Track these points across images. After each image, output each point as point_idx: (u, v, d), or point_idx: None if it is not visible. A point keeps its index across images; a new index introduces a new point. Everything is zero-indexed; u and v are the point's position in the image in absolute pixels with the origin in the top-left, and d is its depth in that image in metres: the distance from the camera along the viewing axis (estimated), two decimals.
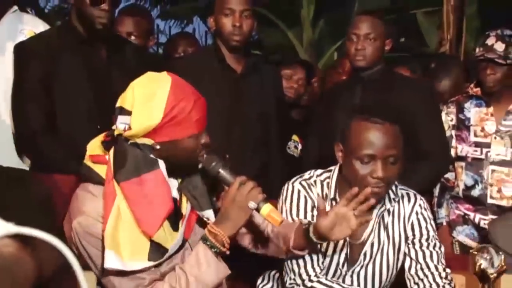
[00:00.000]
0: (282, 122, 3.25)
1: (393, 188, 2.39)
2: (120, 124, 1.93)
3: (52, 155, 2.74)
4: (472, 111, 3.38)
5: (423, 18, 6.90)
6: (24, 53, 2.82)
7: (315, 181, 2.36)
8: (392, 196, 2.38)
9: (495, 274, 2.11)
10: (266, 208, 1.96)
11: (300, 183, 2.35)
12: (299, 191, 2.33)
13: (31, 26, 3.09)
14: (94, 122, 2.81)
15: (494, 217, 3.29)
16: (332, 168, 2.37)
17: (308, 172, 2.40)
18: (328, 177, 2.36)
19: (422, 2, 6.79)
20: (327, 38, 7.22)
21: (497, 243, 2.77)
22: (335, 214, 2.05)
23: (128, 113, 1.92)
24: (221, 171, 1.98)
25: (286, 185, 2.37)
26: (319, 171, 2.39)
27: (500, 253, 2.11)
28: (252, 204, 1.95)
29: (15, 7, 3.09)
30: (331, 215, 2.05)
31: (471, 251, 2.19)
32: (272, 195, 2.04)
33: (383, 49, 3.16)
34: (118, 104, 1.97)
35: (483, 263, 2.11)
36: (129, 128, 1.92)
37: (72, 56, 2.84)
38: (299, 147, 3.77)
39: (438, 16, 6.43)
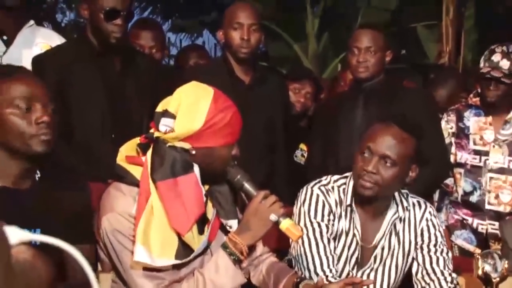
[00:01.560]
0: (288, 131, 3.25)
1: (405, 196, 2.40)
2: (162, 126, 1.97)
3: (65, 159, 2.74)
4: (472, 120, 3.37)
5: (423, 31, 6.90)
6: (41, 65, 2.84)
7: (332, 187, 2.36)
8: (405, 204, 2.39)
9: (498, 279, 2.10)
10: (286, 222, 1.99)
11: (319, 188, 2.36)
12: (317, 196, 2.34)
13: (47, 39, 3.10)
14: (108, 131, 2.81)
15: (491, 222, 3.29)
16: (348, 174, 2.37)
17: (326, 177, 2.40)
18: (345, 183, 2.36)
19: (422, 16, 6.80)
20: (331, 51, 7.24)
21: (506, 241, 2.76)
22: None
23: (173, 116, 1.97)
24: (246, 184, 2.02)
25: (305, 188, 2.38)
26: (336, 176, 2.40)
27: (504, 259, 2.10)
28: (273, 217, 1.98)
29: (32, 22, 3.10)
30: None
31: (475, 255, 2.19)
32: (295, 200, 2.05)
33: (384, 61, 3.16)
34: (161, 108, 2.01)
35: (486, 267, 2.10)
36: (172, 130, 1.96)
37: (87, 68, 2.85)
38: (306, 155, 3.75)
39: (438, 29, 6.44)
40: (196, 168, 1.97)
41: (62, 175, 1.87)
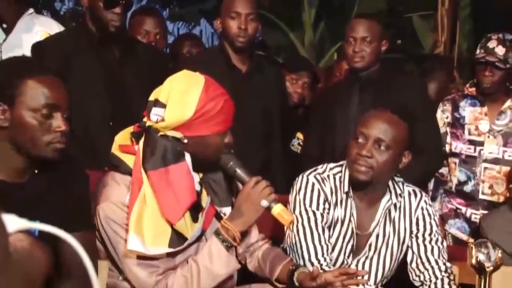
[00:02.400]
0: (284, 120, 3.24)
1: (399, 184, 2.40)
2: (154, 115, 1.96)
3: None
4: (467, 110, 3.37)
5: (418, 21, 6.88)
6: (40, 52, 2.82)
7: (328, 176, 2.36)
8: (398, 191, 2.39)
9: (491, 268, 2.10)
10: (278, 207, 1.98)
11: (314, 176, 2.36)
12: (313, 184, 2.34)
13: (46, 27, 3.09)
14: (106, 119, 2.80)
15: (485, 211, 3.30)
16: (343, 162, 2.37)
17: (321, 166, 2.40)
18: (340, 171, 2.37)
19: (417, 5, 6.78)
20: (328, 40, 7.22)
21: (487, 236, 2.76)
22: (324, 279, 2.04)
23: (163, 105, 1.95)
24: (238, 170, 2.01)
25: (301, 177, 2.37)
26: (332, 164, 2.40)
27: (497, 248, 2.10)
28: (264, 203, 1.97)
29: (31, 10, 3.09)
30: (320, 280, 2.04)
31: (469, 244, 2.19)
32: (275, 191, 2.04)
33: (380, 51, 3.15)
34: (152, 97, 2.00)
35: (480, 256, 2.10)
36: (162, 119, 1.95)
37: (86, 56, 2.84)
38: (302, 144, 3.74)
39: (433, 19, 6.42)
40: (187, 157, 1.96)
41: (60, 164, 1.85)
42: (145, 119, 1.99)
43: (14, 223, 0.83)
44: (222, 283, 2.03)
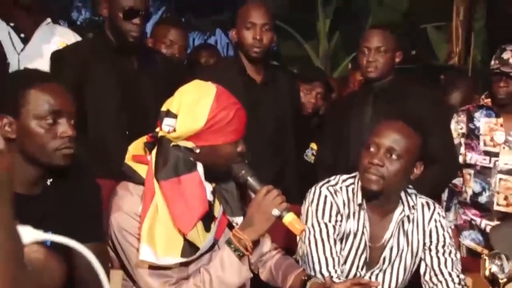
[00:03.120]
0: (298, 130, 3.24)
1: (412, 196, 2.39)
2: (165, 126, 1.95)
3: (79, 157, 2.73)
4: (482, 121, 3.35)
5: (433, 32, 6.86)
6: (59, 60, 2.84)
7: (340, 187, 2.35)
8: (411, 203, 2.37)
9: (505, 279, 2.07)
10: (289, 216, 1.96)
11: (327, 188, 2.34)
12: (325, 196, 2.33)
13: (63, 37, 3.11)
14: (123, 128, 2.80)
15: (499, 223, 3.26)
16: (356, 174, 2.36)
17: (334, 177, 2.39)
18: (353, 183, 2.35)
19: (432, 16, 6.76)
20: (342, 50, 7.21)
21: (496, 248, 2.73)
22: None
23: (174, 116, 1.94)
24: (250, 179, 1.99)
25: (314, 188, 2.36)
26: (345, 176, 2.39)
27: (511, 260, 2.07)
28: (276, 212, 1.96)
29: (49, 20, 3.11)
30: None
31: (482, 256, 2.16)
32: (288, 200, 2.03)
33: (394, 61, 3.15)
34: (164, 108, 1.99)
35: (493, 268, 2.07)
36: (174, 130, 1.94)
37: (104, 65, 2.85)
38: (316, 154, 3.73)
39: (448, 30, 6.39)
40: (199, 167, 1.95)
41: (71, 175, 1.85)
42: (157, 129, 1.99)
43: (29, 234, 0.83)
44: None
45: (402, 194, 2.36)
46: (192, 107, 1.94)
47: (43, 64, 2.87)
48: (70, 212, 1.84)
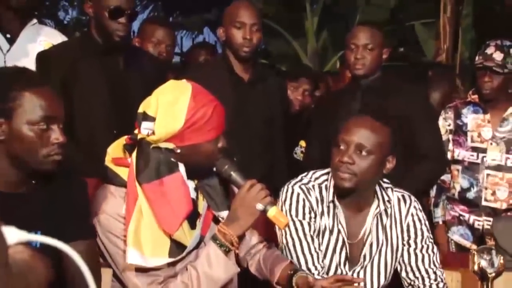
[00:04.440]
0: (287, 127, 3.24)
1: (388, 190, 2.37)
2: (144, 129, 1.94)
3: (71, 157, 2.72)
4: (469, 117, 3.37)
5: (421, 29, 6.88)
6: (45, 61, 2.83)
7: (313, 186, 2.33)
8: (386, 198, 2.36)
9: (494, 274, 2.08)
10: (273, 210, 1.97)
11: (299, 186, 2.33)
12: (298, 194, 2.32)
13: (49, 37, 3.10)
14: (111, 127, 2.80)
15: (487, 218, 3.29)
16: (329, 170, 2.34)
17: (306, 174, 2.38)
18: (326, 180, 2.34)
19: (420, 13, 6.78)
20: (330, 48, 7.22)
21: (497, 239, 2.74)
22: (320, 287, 2.04)
23: (152, 119, 1.93)
24: (233, 173, 1.99)
25: (286, 187, 2.35)
26: (318, 173, 2.37)
27: (500, 255, 2.08)
28: (260, 206, 1.96)
29: (35, 20, 3.10)
30: (316, 287, 2.05)
31: (471, 250, 2.17)
32: (277, 197, 2.03)
33: (381, 58, 3.15)
34: (141, 110, 1.97)
35: (483, 263, 2.08)
36: (153, 133, 1.93)
37: (91, 64, 2.84)
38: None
39: (435, 27, 6.42)
40: (181, 167, 1.94)
41: (58, 173, 1.84)
42: (136, 131, 1.97)
43: (14, 235, 0.83)
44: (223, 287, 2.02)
45: (377, 189, 2.35)
46: (170, 108, 1.92)
47: (29, 65, 2.85)
48: (58, 210, 1.83)
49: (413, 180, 2.96)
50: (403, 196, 2.40)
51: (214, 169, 2.00)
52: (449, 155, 3.38)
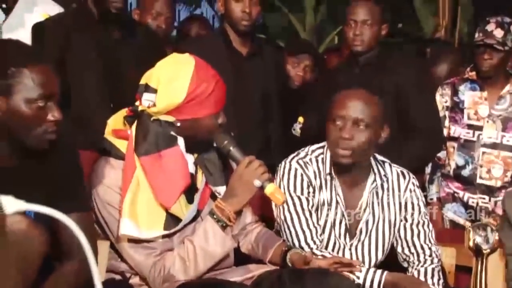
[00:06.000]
0: (285, 102, 3.24)
1: (385, 165, 2.39)
2: (145, 101, 1.95)
3: (62, 129, 2.72)
4: (467, 94, 3.36)
5: (420, 5, 6.83)
6: (41, 32, 2.81)
7: (310, 159, 2.35)
8: (382, 172, 2.37)
9: (488, 250, 2.10)
10: (270, 187, 1.98)
11: (297, 161, 2.34)
12: (296, 169, 2.33)
13: (45, 8, 3.09)
14: (106, 101, 2.79)
15: (482, 196, 3.30)
16: (324, 143, 2.35)
17: (303, 149, 2.39)
18: (322, 153, 2.35)
19: None
20: (329, 23, 7.17)
21: (508, 214, 2.75)
22: (318, 266, 2.07)
23: (154, 91, 1.94)
24: (232, 149, 2.00)
25: (283, 163, 2.36)
26: (314, 146, 2.39)
27: (495, 231, 2.10)
28: (257, 182, 1.97)
29: None
30: (313, 265, 2.07)
31: (466, 227, 2.19)
32: (274, 174, 2.03)
33: (380, 34, 3.14)
34: (143, 81, 1.98)
35: (478, 239, 2.10)
36: (154, 105, 1.93)
37: (86, 37, 2.83)
38: None
39: (435, 3, 6.38)
40: (180, 141, 1.95)
41: (51, 146, 1.83)
42: (137, 103, 1.98)
43: (11, 204, 0.83)
44: (220, 263, 2.04)
45: (373, 163, 2.37)
46: (172, 82, 1.93)
47: (25, 34, 2.85)
48: (51, 182, 1.82)
49: (409, 156, 2.96)
50: (402, 172, 2.43)
51: (214, 144, 2.00)
52: (445, 132, 3.38)
